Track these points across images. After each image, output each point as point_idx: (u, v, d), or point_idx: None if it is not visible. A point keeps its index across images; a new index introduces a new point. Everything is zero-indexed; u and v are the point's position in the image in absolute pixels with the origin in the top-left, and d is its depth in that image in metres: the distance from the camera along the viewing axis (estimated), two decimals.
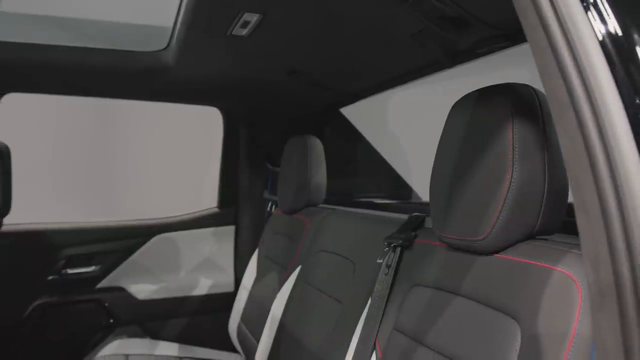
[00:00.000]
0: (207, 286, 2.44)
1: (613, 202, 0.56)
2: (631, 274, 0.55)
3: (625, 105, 0.59)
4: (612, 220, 0.56)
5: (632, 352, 0.54)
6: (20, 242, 2.23)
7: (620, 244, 0.56)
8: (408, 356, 1.06)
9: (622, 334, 0.55)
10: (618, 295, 0.55)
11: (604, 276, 0.57)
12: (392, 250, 1.24)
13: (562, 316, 0.77)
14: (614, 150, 0.57)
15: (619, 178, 0.56)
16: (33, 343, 2.21)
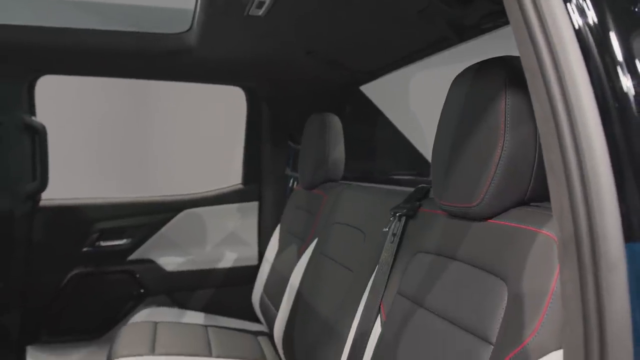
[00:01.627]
0: (232, 259, 2.54)
1: (574, 161, 0.61)
2: (589, 228, 0.60)
3: (590, 72, 0.63)
4: (573, 178, 0.61)
5: (586, 299, 0.59)
6: (57, 216, 2.36)
7: (579, 200, 0.60)
8: (409, 318, 1.12)
9: (580, 283, 0.60)
10: (577, 247, 0.60)
11: (567, 230, 0.62)
12: (397, 219, 1.30)
13: (543, 275, 0.82)
14: (576, 112, 0.61)
15: (580, 138, 0.61)
16: (70, 310, 2.35)
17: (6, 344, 2.28)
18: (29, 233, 2.29)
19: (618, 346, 0.58)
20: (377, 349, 1.19)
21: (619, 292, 0.58)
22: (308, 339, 1.61)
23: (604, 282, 0.58)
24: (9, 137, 2.21)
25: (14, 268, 2.23)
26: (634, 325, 0.58)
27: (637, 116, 0.62)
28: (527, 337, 0.80)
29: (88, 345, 2.36)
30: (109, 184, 2.83)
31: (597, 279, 0.59)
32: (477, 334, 0.91)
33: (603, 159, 0.60)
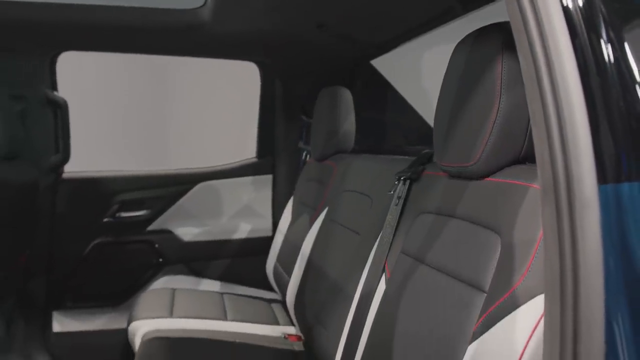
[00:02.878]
0: (247, 230, 2.62)
1: (553, 112, 0.66)
2: (565, 171, 0.65)
3: (570, 30, 0.67)
4: (552, 128, 0.66)
5: (562, 236, 0.65)
6: (79, 188, 2.46)
7: (557, 147, 0.65)
8: (411, 275, 1.18)
9: (557, 222, 0.65)
10: (555, 190, 0.65)
11: (546, 177, 0.67)
12: (402, 183, 1.36)
13: (532, 225, 0.88)
14: (556, 66, 0.66)
15: (559, 90, 0.66)
16: (93, 278, 2.46)
17: (34, 309, 2.40)
18: (52, 204, 2.39)
19: (590, 279, 0.63)
20: (381, 305, 1.25)
21: (591, 230, 0.63)
22: (317, 301, 1.68)
23: (577, 221, 0.63)
24: (32, 112, 2.30)
25: (39, 237, 2.33)
26: (605, 260, 0.63)
27: (613, 70, 0.66)
28: (515, 283, 0.86)
29: (110, 311, 2.47)
30: (129, 157, 2.92)
31: (572, 217, 0.64)
32: (472, 284, 0.97)
33: (580, 109, 0.65)
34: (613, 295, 0.63)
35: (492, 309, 0.89)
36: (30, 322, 2.40)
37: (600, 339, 0.63)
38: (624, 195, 0.64)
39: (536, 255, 0.85)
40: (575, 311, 0.63)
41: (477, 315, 0.93)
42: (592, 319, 0.63)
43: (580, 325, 0.63)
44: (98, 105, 2.99)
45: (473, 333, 0.92)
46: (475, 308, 0.94)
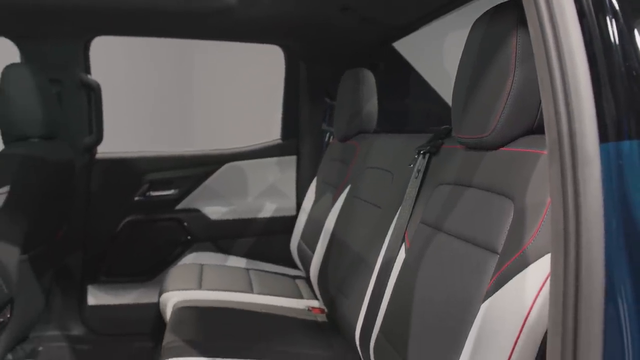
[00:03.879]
0: (271, 210, 2.70)
1: (559, 76, 0.71)
2: (569, 130, 0.69)
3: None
4: (557, 91, 0.71)
5: (566, 191, 0.70)
6: (112, 168, 2.56)
7: (562, 107, 0.70)
8: (429, 243, 1.24)
9: (561, 178, 0.70)
10: (560, 147, 0.70)
11: (552, 137, 0.72)
12: (422, 156, 1.41)
13: (543, 190, 0.92)
14: (561, 32, 0.70)
15: (564, 56, 0.70)
16: (125, 254, 2.57)
17: (70, 283, 2.52)
18: (87, 183, 2.50)
19: (591, 231, 0.68)
20: (401, 273, 1.31)
21: (593, 185, 0.68)
22: (339, 274, 1.75)
23: (580, 177, 0.68)
24: (68, 94, 2.40)
25: (75, 215, 2.44)
26: (605, 213, 0.68)
27: (615, 36, 0.71)
28: (526, 243, 0.91)
29: (141, 286, 2.58)
30: (158, 138, 3.02)
31: (574, 174, 0.69)
32: (486, 247, 1.02)
33: (583, 73, 0.69)
34: (613, 246, 0.68)
35: (504, 268, 0.94)
36: (67, 295, 2.52)
37: (600, 287, 0.68)
38: (625, 153, 0.68)
39: (546, 217, 0.90)
40: (577, 260, 0.68)
41: (490, 276, 0.98)
42: (593, 267, 0.68)
43: (581, 273, 0.68)
44: (129, 88, 3.08)
45: (486, 292, 0.97)
46: (488, 269, 0.99)
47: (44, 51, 2.35)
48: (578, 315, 0.69)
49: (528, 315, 0.86)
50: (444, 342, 1.04)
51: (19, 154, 1.88)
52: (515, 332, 0.87)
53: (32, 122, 1.97)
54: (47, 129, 2.04)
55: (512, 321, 0.88)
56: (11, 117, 1.94)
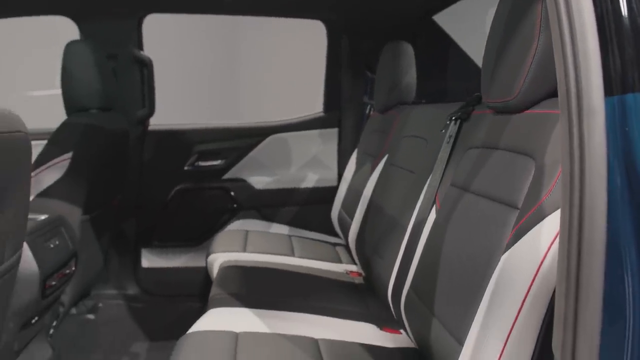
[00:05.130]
0: (314, 180, 2.80)
1: (567, 33, 0.76)
2: (576, 84, 0.75)
3: None
4: (567, 48, 0.76)
5: (572, 146, 0.75)
6: (163, 139, 2.72)
7: (570, 65, 0.75)
8: (458, 203, 1.30)
9: (568, 128, 0.76)
10: (567, 100, 0.76)
11: (562, 90, 0.78)
12: (453, 122, 1.47)
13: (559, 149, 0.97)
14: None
15: (573, 16, 0.75)
16: (176, 220, 2.73)
17: (126, 246, 2.71)
18: (140, 154, 2.66)
19: (595, 178, 0.74)
20: (431, 232, 1.38)
21: (598, 135, 0.73)
22: (375, 237, 1.83)
23: (585, 127, 0.74)
24: (122, 69, 2.55)
25: (129, 183, 2.61)
26: (608, 161, 0.74)
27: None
28: (543, 197, 0.97)
29: (190, 251, 2.74)
30: (207, 111, 3.15)
31: (580, 125, 0.74)
32: (508, 204, 1.08)
33: (591, 30, 0.74)
34: (615, 191, 0.74)
35: (522, 222, 1.00)
36: (123, 258, 2.71)
37: (603, 229, 0.74)
38: (628, 104, 0.73)
39: (560, 176, 0.95)
40: (581, 203, 0.74)
41: (510, 230, 1.05)
42: (596, 210, 0.74)
43: (584, 215, 0.74)
44: (180, 64, 3.22)
45: (506, 245, 1.03)
46: (509, 224, 1.06)
47: (101, 29, 2.50)
48: (581, 261, 0.75)
49: (541, 264, 0.92)
50: (467, 294, 1.11)
51: (80, 123, 2.04)
52: (528, 280, 0.93)
53: (91, 95, 2.12)
54: (104, 101, 2.19)
55: (526, 270, 0.94)
56: (73, 89, 2.10)
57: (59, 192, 1.92)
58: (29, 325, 1.71)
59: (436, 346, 1.21)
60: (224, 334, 1.35)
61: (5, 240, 1.32)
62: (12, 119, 1.24)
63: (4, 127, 1.20)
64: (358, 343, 1.43)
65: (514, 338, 0.93)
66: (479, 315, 1.02)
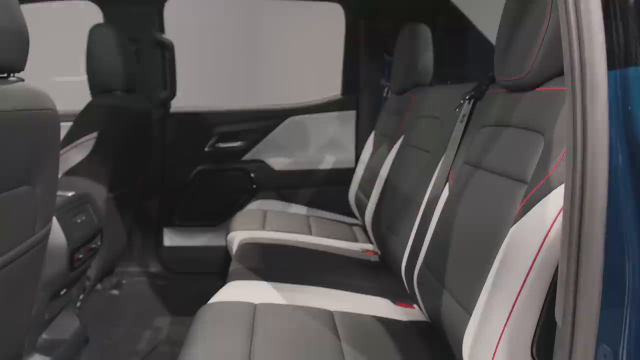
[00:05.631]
0: (331, 162, 2.84)
1: (572, 10, 0.78)
2: (580, 62, 0.78)
3: None
4: (572, 25, 0.79)
5: (575, 118, 0.78)
6: (184, 121, 2.78)
7: (574, 41, 0.78)
8: (470, 179, 1.34)
9: (572, 100, 0.79)
10: (572, 74, 0.79)
11: (567, 65, 0.80)
12: (467, 102, 1.50)
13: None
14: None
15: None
16: (196, 200, 2.80)
17: (149, 225, 2.79)
18: (162, 135, 2.73)
19: (597, 146, 0.77)
20: (444, 208, 1.42)
21: (600, 107, 0.76)
22: (390, 215, 1.87)
23: (588, 100, 0.77)
24: (145, 52, 2.61)
25: (152, 163, 2.68)
26: (610, 132, 0.77)
27: None
28: (550, 171, 1.00)
29: (211, 230, 2.81)
30: (227, 94, 3.21)
31: (583, 97, 0.77)
32: (518, 179, 1.11)
33: (595, 5, 0.77)
34: (615, 158, 0.77)
35: (530, 195, 1.03)
36: (145, 236, 2.79)
37: (604, 199, 0.77)
38: (630, 77, 0.76)
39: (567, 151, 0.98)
40: (583, 168, 0.77)
41: (519, 203, 1.08)
42: (597, 175, 0.76)
43: (586, 181, 0.77)
44: (200, 48, 3.27)
45: (514, 218, 1.07)
46: (518, 198, 1.09)
47: (124, 12, 2.56)
48: (582, 229, 0.78)
49: (547, 235, 0.95)
50: (476, 266, 1.15)
51: (105, 104, 2.11)
52: (534, 251, 0.96)
53: (115, 76, 2.19)
54: (128, 83, 2.25)
55: (532, 241, 0.97)
56: (97, 71, 2.16)
57: (85, 170, 1.99)
58: (58, 296, 1.79)
59: (446, 318, 1.25)
60: (243, 304, 1.41)
61: (36, 214, 1.39)
62: (42, 97, 1.31)
63: (34, 104, 1.26)
64: (372, 316, 1.47)
65: (519, 307, 0.97)
66: (486, 285, 1.06)
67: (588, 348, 0.80)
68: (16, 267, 1.31)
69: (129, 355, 2.01)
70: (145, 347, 2.09)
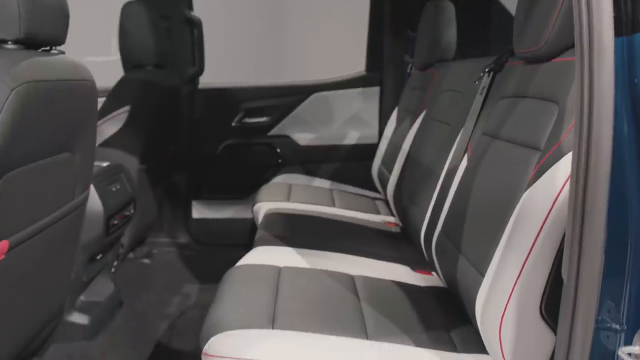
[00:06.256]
0: (355, 137, 2.90)
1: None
2: (588, 29, 0.81)
3: None
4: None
5: (583, 81, 0.82)
6: (212, 96, 2.86)
7: (584, 6, 0.82)
8: (488, 149, 1.38)
9: (580, 65, 0.83)
10: (580, 40, 0.83)
11: (577, 33, 0.84)
12: (487, 75, 1.53)
13: None
14: None
15: None
16: (224, 174, 2.90)
17: (178, 198, 2.89)
18: (190, 110, 2.81)
19: (602, 108, 0.81)
20: (462, 178, 1.46)
21: (606, 72, 0.80)
22: (411, 186, 1.92)
23: (596, 64, 0.81)
24: (175, 29, 2.69)
25: (181, 137, 2.78)
26: (615, 96, 0.80)
27: None
28: (562, 137, 1.04)
29: (237, 203, 2.91)
30: (253, 70, 3.27)
31: (591, 62, 0.81)
32: (532, 146, 1.16)
33: None
34: (620, 124, 0.81)
35: (543, 161, 1.07)
36: (175, 209, 2.90)
37: (608, 158, 0.81)
38: (636, 44, 0.80)
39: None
40: (589, 133, 0.81)
41: (532, 169, 1.12)
42: (602, 142, 0.81)
43: (591, 146, 0.81)
44: (227, 25, 3.33)
45: (528, 183, 1.11)
46: (532, 164, 1.13)
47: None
48: (587, 190, 0.82)
49: (557, 198, 0.99)
50: (490, 230, 1.19)
51: (137, 78, 2.19)
52: (544, 213, 1.00)
53: (146, 52, 2.27)
54: (159, 59, 2.33)
55: (543, 204, 1.01)
56: (130, 47, 2.25)
57: (118, 142, 2.09)
58: (95, 260, 1.90)
59: (462, 281, 1.30)
60: (268, 267, 1.49)
61: (76, 180, 1.48)
62: (81, 69, 1.39)
63: (74, 75, 1.34)
64: (391, 280, 1.54)
65: (529, 266, 1.02)
66: (499, 247, 1.11)
67: (590, 303, 0.85)
68: (57, 229, 1.41)
69: (160, 318, 2.12)
70: (174, 311, 2.20)
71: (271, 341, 1.11)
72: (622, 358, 0.84)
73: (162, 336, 1.98)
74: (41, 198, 1.32)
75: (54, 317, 1.61)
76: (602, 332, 0.87)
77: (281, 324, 1.17)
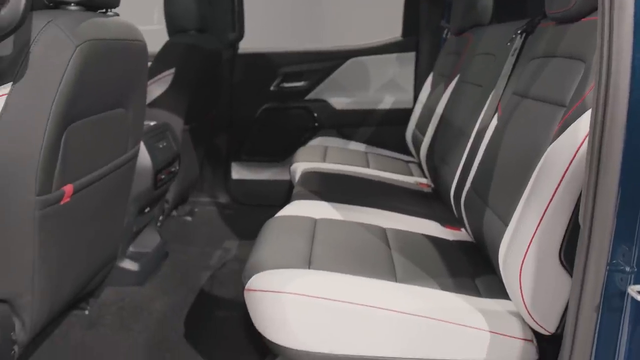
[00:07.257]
0: (390, 102, 2.95)
1: None
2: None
3: None
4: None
5: (603, 35, 0.87)
6: (251, 61, 2.95)
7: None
8: (517, 108, 1.43)
9: (601, 24, 0.88)
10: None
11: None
12: (519, 36, 1.57)
13: None
14: None
15: None
16: (262, 137, 3.00)
17: (218, 159, 3.02)
18: (231, 74, 2.91)
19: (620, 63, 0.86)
20: (492, 136, 1.52)
21: (626, 26, 0.85)
22: (443, 146, 1.98)
23: (616, 20, 0.85)
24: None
25: (222, 101, 2.89)
26: (634, 49, 0.86)
27: None
28: (586, 93, 1.09)
29: (274, 166, 3.02)
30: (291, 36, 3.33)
31: (611, 17, 0.85)
32: (558, 103, 1.21)
33: None
34: (638, 77, 0.86)
35: (567, 115, 1.13)
36: (215, 170, 3.03)
37: (624, 110, 0.87)
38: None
39: None
40: (607, 85, 0.87)
41: (557, 124, 1.17)
42: (619, 94, 0.86)
43: (609, 97, 0.87)
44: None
45: (552, 136, 1.17)
46: (557, 120, 1.18)
47: None
48: (603, 140, 0.88)
49: (578, 150, 1.05)
50: (516, 183, 1.25)
51: (181, 42, 2.30)
52: (566, 164, 1.06)
53: (189, 17, 2.37)
54: (200, 24, 2.43)
55: (565, 155, 1.07)
56: (174, 12, 2.35)
57: (164, 103, 2.21)
58: (143, 213, 2.04)
59: (487, 232, 1.37)
60: (305, 218, 1.59)
61: (129, 135, 1.61)
62: (134, 30, 1.50)
63: (127, 35, 1.45)
64: (421, 234, 1.62)
65: (550, 214, 1.08)
66: (522, 197, 1.18)
67: (603, 245, 0.92)
68: (112, 180, 1.54)
69: (202, 269, 2.26)
70: (216, 263, 2.34)
71: (307, 278, 1.21)
72: (631, 295, 0.91)
73: (204, 285, 2.11)
74: (99, 149, 1.44)
75: (109, 261, 1.77)
76: (615, 273, 0.94)
77: (317, 265, 1.27)
